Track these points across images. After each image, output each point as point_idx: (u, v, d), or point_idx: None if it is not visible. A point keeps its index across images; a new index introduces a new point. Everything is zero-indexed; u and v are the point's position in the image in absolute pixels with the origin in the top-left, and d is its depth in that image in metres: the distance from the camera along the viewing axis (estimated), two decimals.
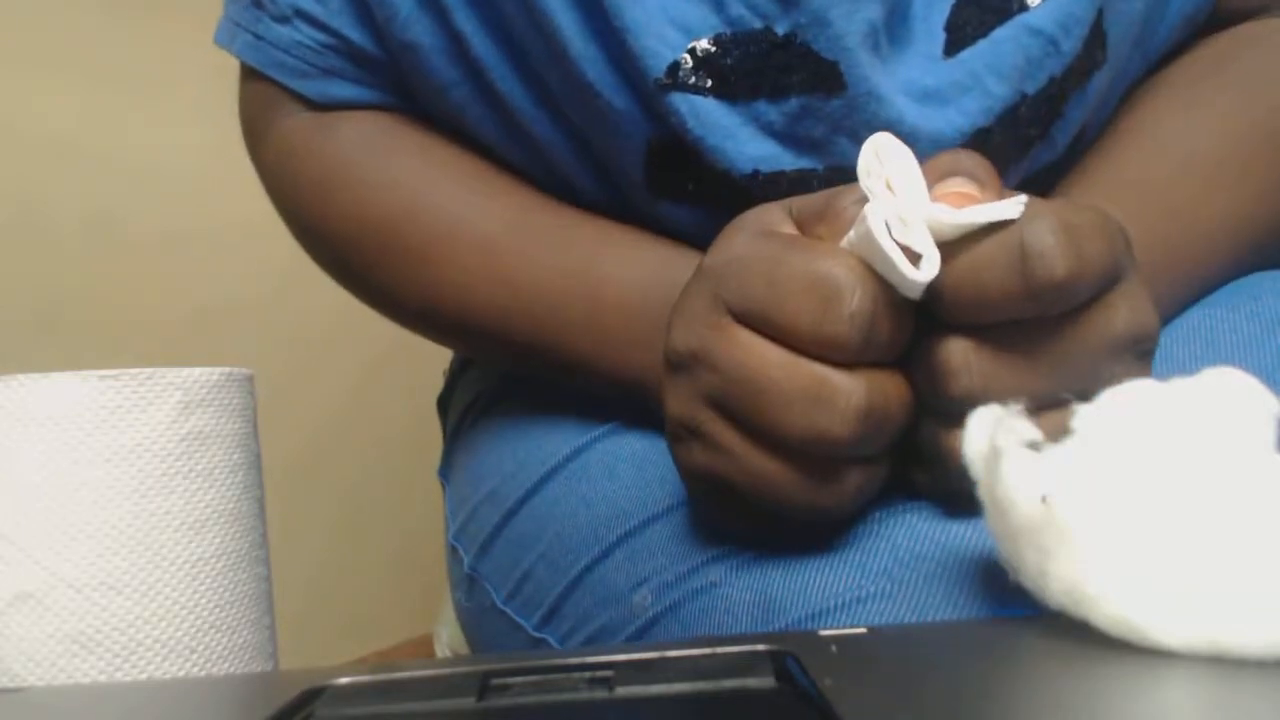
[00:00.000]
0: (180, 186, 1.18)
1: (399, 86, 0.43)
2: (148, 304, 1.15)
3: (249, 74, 0.46)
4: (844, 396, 0.26)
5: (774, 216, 0.30)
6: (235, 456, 0.35)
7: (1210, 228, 0.37)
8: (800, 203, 0.30)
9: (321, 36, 0.42)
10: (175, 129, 1.18)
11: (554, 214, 0.41)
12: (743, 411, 0.28)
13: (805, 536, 0.31)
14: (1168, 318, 0.37)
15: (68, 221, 1.08)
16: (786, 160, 0.36)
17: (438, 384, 0.58)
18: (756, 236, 0.29)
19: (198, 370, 0.34)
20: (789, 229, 0.29)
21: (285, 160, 0.45)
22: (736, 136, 0.36)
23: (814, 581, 0.30)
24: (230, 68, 0.47)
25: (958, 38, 0.36)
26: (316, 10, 0.42)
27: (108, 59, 1.12)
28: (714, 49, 0.35)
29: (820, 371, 0.26)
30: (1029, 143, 0.37)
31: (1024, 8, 0.36)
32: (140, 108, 1.15)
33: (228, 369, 0.35)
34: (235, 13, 0.44)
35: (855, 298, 0.26)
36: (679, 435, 0.30)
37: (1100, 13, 0.37)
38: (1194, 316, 0.36)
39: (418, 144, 0.43)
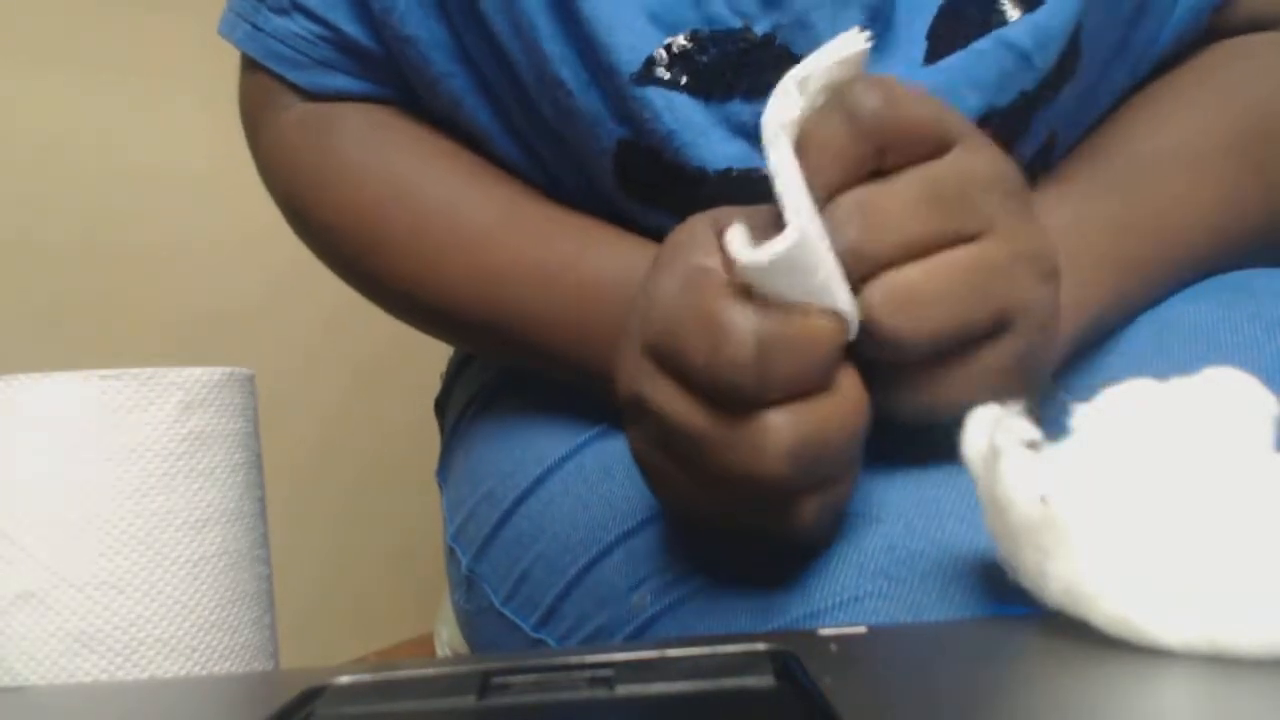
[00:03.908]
0: (182, 189, 1.18)
1: (395, 79, 0.43)
2: (149, 307, 1.15)
3: (249, 65, 0.46)
4: (770, 437, 0.25)
5: (697, 236, 0.28)
6: (236, 456, 0.35)
7: (1188, 215, 0.36)
8: (724, 215, 0.29)
9: (317, 29, 0.43)
10: (178, 131, 1.18)
11: (542, 209, 0.41)
12: (685, 457, 0.28)
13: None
14: (1154, 301, 0.37)
15: (70, 224, 1.08)
16: (761, 159, 0.36)
17: (437, 385, 0.58)
18: (668, 270, 0.28)
19: (198, 370, 0.34)
20: (708, 250, 0.28)
21: (281, 150, 0.45)
22: (709, 135, 0.36)
23: (811, 581, 0.30)
24: (235, 69, 0.48)
25: (938, 47, 0.36)
26: (313, 3, 0.42)
27: (112, 60, 1.12)
28: (690, 45, 0.35)
29: (741, 417, 0.25)
30: None
31: (1003, 22, 0.35)
32: (143, 110, 1.15)
33: (228, 369, 0.35)
34: (237, 4, 0.45)
35: (741, 343, 0.24)
36: (644, 473, 0.31)
37: (1079, 29, 0.36)
38: (1193, 315, 0.36)
39: (411, 136, 0.43)
